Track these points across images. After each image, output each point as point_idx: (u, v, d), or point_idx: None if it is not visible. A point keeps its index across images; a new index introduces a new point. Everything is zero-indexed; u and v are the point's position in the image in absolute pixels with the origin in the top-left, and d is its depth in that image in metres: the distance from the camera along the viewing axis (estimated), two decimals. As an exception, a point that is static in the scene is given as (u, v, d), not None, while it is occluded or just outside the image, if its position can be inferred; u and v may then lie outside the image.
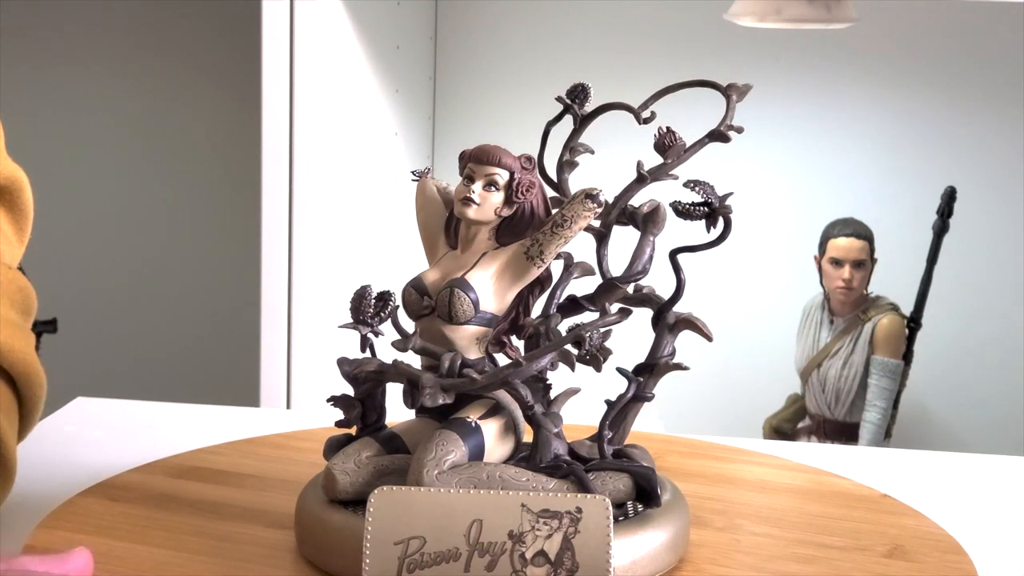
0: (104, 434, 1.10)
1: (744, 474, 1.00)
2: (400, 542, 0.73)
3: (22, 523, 0.86)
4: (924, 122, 2.13)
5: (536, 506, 0.72)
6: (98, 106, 2.43)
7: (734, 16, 1.86)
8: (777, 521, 0.90)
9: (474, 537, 0.72)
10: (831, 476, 1.00)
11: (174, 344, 2.46)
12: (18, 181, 0.93)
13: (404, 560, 0.72)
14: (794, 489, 0.98)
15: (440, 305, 0.82)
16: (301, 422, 1.11)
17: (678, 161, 0.83)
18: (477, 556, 0.71)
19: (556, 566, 0.71)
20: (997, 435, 2.12)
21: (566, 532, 0.71)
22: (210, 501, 0.91)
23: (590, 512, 0.72)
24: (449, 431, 0.79)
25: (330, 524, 0.80)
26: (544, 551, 0.71)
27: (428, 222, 0.89)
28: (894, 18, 2.09)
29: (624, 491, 0.80)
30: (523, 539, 0.71)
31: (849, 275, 1.97)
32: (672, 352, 0.85)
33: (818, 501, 0.95)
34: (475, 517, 0.72)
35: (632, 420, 0.86)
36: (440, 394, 0.79)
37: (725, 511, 0.91)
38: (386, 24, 1.92)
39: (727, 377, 2.09)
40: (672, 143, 0.83)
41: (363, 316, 0.82)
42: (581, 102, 0.89)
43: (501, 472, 0.78)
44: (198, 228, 2.43)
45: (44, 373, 0.88)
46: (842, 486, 0.98)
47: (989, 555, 0.87)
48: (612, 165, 0.99)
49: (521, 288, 0.83)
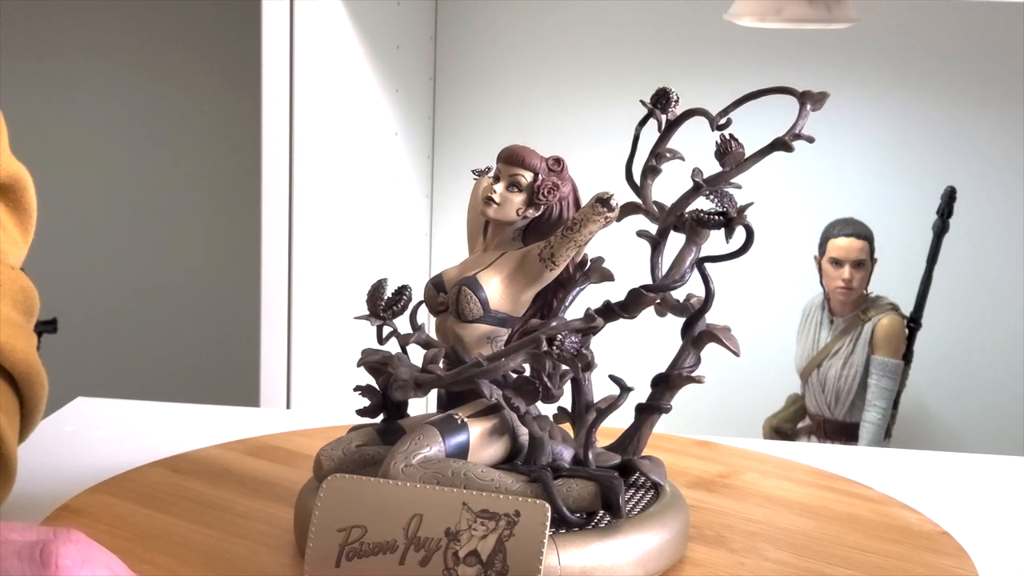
0: (104, 434, 1.10)
1: (743, 476, 1.00)
2: (343, 529, 0.73)
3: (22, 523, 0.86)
4: (924, 122, 2.13)
5: (476, 506, 0.71)
6: (98, 107, 2.43)
7: (734, 16, 1.86)
8: (777, 523, 0.91)
9: (412, 531, 0.71)
10: (831, 477, 1.00)
11: (174, 344, 2.46)
12: (22, 180, 0.93)
13: (344, 547, 0.72)
14: (795, 492, 0.98)
15: (451, 302, 0.82)
16: (301, 422, 1.11)
17: (737, 170, 0.81)
18: (413, 550, 0.71)
19: (487, 567, 0.70)
20: (997, 435, 2.12)
21: (501, 534, 0.70)
22: (210, 501, 0.91)
23: (527, 516, 0.71)
24: (431, 426, 0.79)
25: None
26: (477, 551, 0.70)
27: (472, 220, 0.88)
28: (894, 18, 2.09)
29: (587, 498, 0.77)
30: (459, 537, 0.71)
31: (849, 275, 1.97)
32: (694, 364, 0.84)
33: (821, 507, 0.95)
34: (415, 511, 0.72)
35: (648, 431, 0.85)
36: (412, 388, 0.79)
37: (725, 512, 0.92)
38: (386, 24, 1.92)
39: (727, 377, 2.09)
40: (729, 151, 0.81)
41: (377, 309, 0.83)
42: (664, 107, 0.86)
43: (469, 470, 0.77)
44: (198, 228, 2.43)
45: (45, 374, 0.88)
46: (844, 487, 0.98)
47: (989, 555, 0.87)
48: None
49: (537, 291, 0.83)
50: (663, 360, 0.86)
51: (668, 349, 0.85)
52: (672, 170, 0.87)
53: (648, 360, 0.88)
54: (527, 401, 0.79)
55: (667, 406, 0.84)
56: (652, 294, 0.82)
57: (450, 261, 0.86)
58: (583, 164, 1.04)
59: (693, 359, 0.84)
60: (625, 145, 0.88)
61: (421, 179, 2.15)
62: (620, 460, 0.84)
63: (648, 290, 0.82)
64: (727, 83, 1.62)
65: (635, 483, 0.85)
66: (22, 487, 0.88)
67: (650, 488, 0.84)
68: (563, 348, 0.76)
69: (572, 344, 0.77)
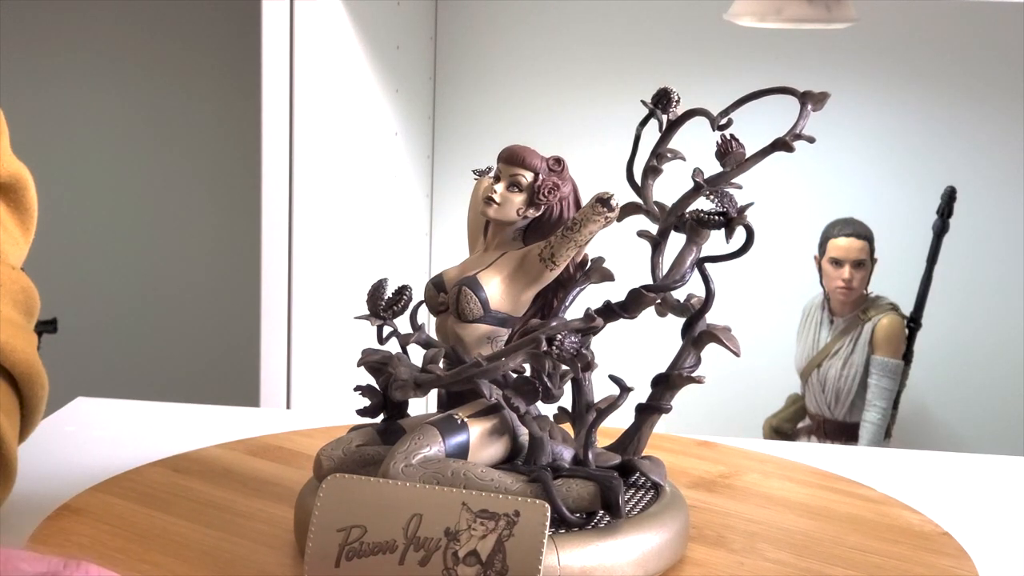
0: (104, 434, 1.10)
1: (742, 476, 1.00)
2: (343, 529, 0.73)
3: (22, 523, 0.86)
4: (924, 122, 2.13)
5: (476, 505, 0.71)
6: (98, 107, 2.43)
7: (734, 16, 1.86)
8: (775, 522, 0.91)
9: (412, 531, 0.71)
10: (832, 477, 1.00)
11: (174, 344, 2.46)
12: (23, 179, 0.93)
13: (344, 547, 0.72)
14: (795, 492, 0.98)
15: (451, 302, 0.82)
16: (301, 422, 1.11)
17: (738, 170, 0.81)
18: (412, 550, 0.71)
19: (486, 567, 0.70)
20: (997, 435, 2.12)
21: (500, 534, 0.70)
22: (210, 501, 0.91)
23: (527, 516, 0.71)
24: (431, 426, 0.79)
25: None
26: (477, 551, 0.70)
27: (473, 220, 0.88)
28: (894, 18, 2.09)
29: (587, 498, 0.77)
30: (458, 537, 0.71)
31: (849, 275, 1.97)
32: (694, 364, 0.83)
33: (821, 507, 0.95)
34: (415, 511, 0.72)
35: (648, 431, 0.85)
36: (411, 388, 0.79)
37: (724, 513, 0.92)
38: (386, 24, 1.92)
39: (727, 377, 2.09)
40: (730, 151, 0.80)
41: (377, 308, 0.83)
42: (665, 107, 0.85)
43: (469, 470, 0.77)
44: (198, 228, 2.43)
45: (46, 374, 0.88)
46: (844, 487, 0.98)
47: (989, 555, 0.87)
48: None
49: (537, 291, 0.83)
50: (663, 360, 0.86)
51: (669, 349, 0.85)
52: (672, 170, 0.87)
53: (648, 360, 0.88)
54: (527, 401, 0.79)
55: (667, 406, 0.84)
56: (652, 294, 0.82)
57: (450, 261, 0.86)
58: (583, 164, 1.04)
59: (693, 359, 0.84)
60: (625, 145, 0.88)
61: (421, 179, 2.15)
62: (620, 460, 0.84)
63: (648, 290, 0.82)
64: (727, 83, 1.62)
65: (635, 483, 0.85)
66: (22, 487, 0.88)
67: (650, 488, 0.84)
68: (563, 348, 0.76)
69: (572, 344, 0.77)
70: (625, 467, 0.83)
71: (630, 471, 0.84)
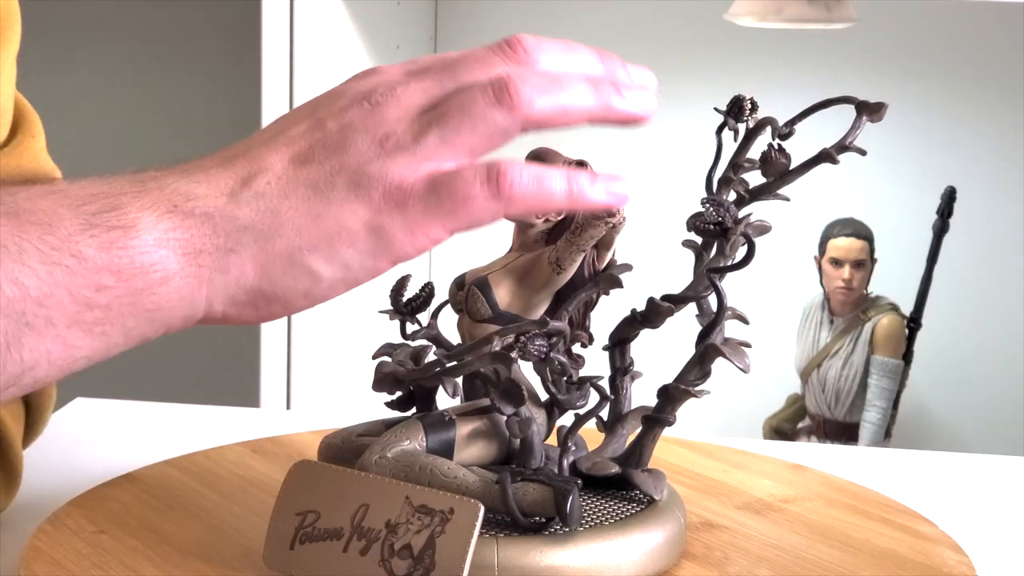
0: (104, 434, 1.10)
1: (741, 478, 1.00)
2: (300, 513, 0.74)
3: (23, 524, 0.86)
4: (924, 122, 2.13)
5: (417, 500, 0.71)
6: (96, 106, 2.43)
7: (734, 16, 1.86)
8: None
9: (358, 520, 0.72)
10: (832, 477, 1.00)
11: (174, 344, 2.45)
12: None
13: (299, 531, 0.73)
14: (795, 493, 0.98)
15: (464, 301, 0.83)
16: (301, 422, 1.11)
17: (780, 182, 0.79)
18: (356, 539, 0.71)
19: (416, 562, 0.70)
20: (997, 435, 2.12)
21: (434, 531, 0.70)
22: (210, 501, 0.91)
23: (460, 515, 0.70)
24: (417, 421, 0.79)
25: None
26: (410, 545, 0.70)
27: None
28: (894, 18, 2.09)
29: (540, 503, 0.75)
30: (396, 530, 0.71)
31: (849, 275, 1.97)
32: (700, 377, 0.82)
33: (822, 511, 0.95)
34: (364, 501, 0.72)
35: (651, 444, 0.83)
36: (389, 384, 0.81)
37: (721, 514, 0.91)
38: (386, 24, 1.92)
39: (727, 377, 2.09)
40: (770, 160, 0.78)
41: (399, 304, 0.84)
42: (738, 116, 0.82)
43: (436, 467, 0.76)
44: (198, 228, 2.43)
45: None
46: (846, 488, 0.98)
47: (989, 555, 0.87)
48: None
49: (549, 294, 0.82)
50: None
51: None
52: (679, 175, 0.87)
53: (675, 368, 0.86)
54: (512, 404, 0.78)
55: (670, 419, 0.83)
56: (667, 304, 0.82)
57: (450, 261, 0.86)
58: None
59: (699, 372, 0.83)
60: (626, 145, 0.87)
61: (421, 179, 2.15)
62: (617, 470, 0.83)
63: (664, 300, 0.82)
64: (727, 83, 1.62)
65: (627, 495, 0.83)
66: (22, 488, 0.88)
67: (645, 501, 0.82)
68: (526, 350, 0.76)
69: (538, 347, 0.76)
70: (622, 477, 0.82)
71: (625, 482, 0.82)
